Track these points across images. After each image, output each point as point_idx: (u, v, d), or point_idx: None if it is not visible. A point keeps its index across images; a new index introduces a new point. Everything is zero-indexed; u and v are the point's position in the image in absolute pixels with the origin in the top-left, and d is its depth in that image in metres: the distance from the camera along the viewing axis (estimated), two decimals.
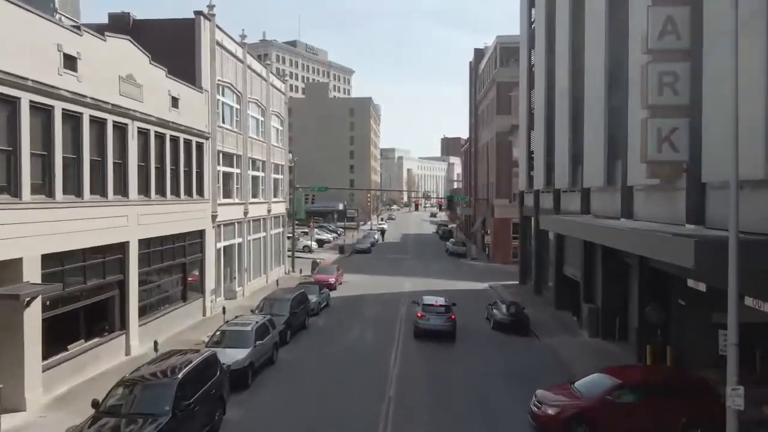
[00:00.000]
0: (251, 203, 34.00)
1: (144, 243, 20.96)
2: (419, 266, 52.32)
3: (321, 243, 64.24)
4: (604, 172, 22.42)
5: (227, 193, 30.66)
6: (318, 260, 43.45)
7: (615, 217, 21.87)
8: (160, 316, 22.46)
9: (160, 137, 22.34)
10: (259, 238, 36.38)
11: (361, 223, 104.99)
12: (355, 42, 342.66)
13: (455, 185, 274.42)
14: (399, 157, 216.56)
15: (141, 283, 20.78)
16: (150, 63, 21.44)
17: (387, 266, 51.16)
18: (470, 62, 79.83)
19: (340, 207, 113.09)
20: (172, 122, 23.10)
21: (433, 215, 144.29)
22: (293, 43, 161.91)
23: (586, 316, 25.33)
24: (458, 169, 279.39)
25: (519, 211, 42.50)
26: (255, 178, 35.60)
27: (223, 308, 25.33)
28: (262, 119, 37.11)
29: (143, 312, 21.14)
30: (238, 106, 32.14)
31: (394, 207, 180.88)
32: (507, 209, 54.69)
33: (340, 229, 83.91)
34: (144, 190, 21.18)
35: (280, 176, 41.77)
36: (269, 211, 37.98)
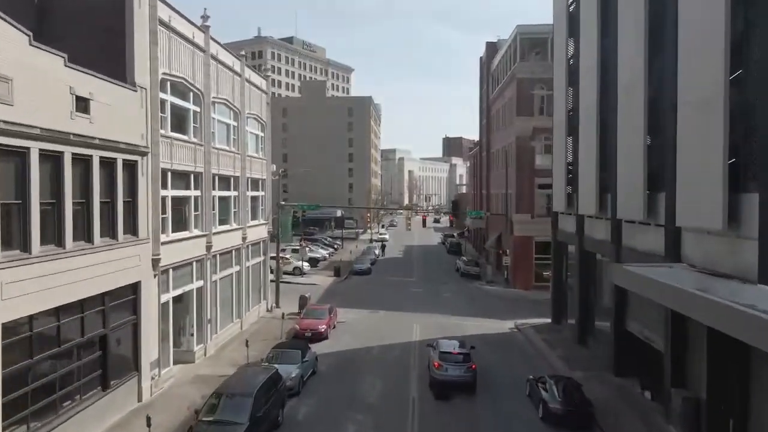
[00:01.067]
0: (218, 233, 26.47)
1: (15, 326, 13.44)
2: (428, 294, 44.77)
3: (315, 262, 56.64)
4: (722, 207, 14.83)
5: (180, 225, 23.09)
6: (307, 295, 35.79)
7: (740, 278, 14.38)
8: (55, 423, 14.92)
9: (51, 158, 14.78)
10: (231, 274, 28.82)
11: (360, 231, 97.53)
12: (354, 40, 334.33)
13: (458, 189, 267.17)
14: (400, 158, 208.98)
15: (13, 382, 13.31)
16: (30, 44, 13.89)
17: (390, 295, 43.59)
18: (480, 57, 72.26)
19: (338, 214, 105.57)
20: (76, 134, 15.54)
21: (437, 221, 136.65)
22: (289, 40, 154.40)
23: (677, 408, 17.77)
24: (461, 170, 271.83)
25: (552, 233, 35.00)
26: (224, 200, 28.03)
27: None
28: (235, 124, 29.55)
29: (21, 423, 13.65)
30: (198, 109, 24.59)
31: (400, 212, 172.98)
32: (529, 226, 47.19)
33: (337, 242, 76.16)
34: (19, 242, 13.67)
35: (260, 193, 34.19)
36: (245, 238, 30.42)
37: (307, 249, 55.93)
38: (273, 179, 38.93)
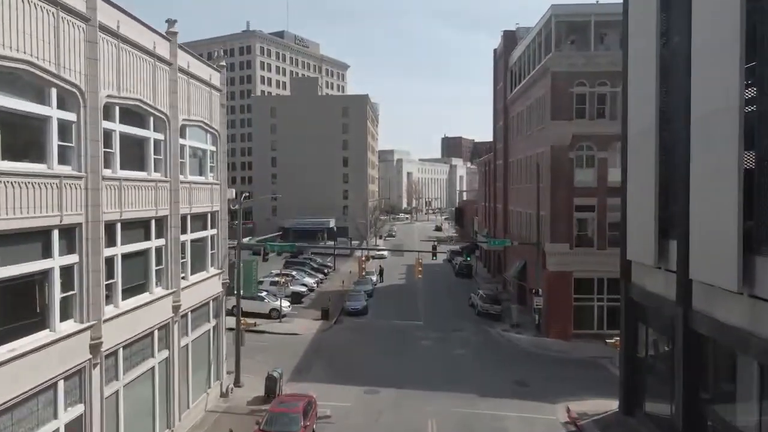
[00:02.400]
0: (115, 317, 16.36)
1: None
2: (441, 349, 34.80)
3: (298, 297, 46.50)
4: None
5: (29, 324, 12.97)
6: (276, 373, 25.44)
7: None
8: None
9: None
10: (149, 370, 18.70)
11: (356, 243, 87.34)
12: (348, 38, 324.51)
13: (461, 192, 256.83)
14: (398, 159, 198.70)
15: None
16: None
17: (393, 354, 33.49)
18: (495, 50, 62.19)
19: (331, 224, 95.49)
20: None
21: (438, 228, 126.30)
22: (280, 34, 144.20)
23: None
24: (461, 171, 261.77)
25: (621, 289, 25.01)
26: (133, 260, 17.88)
27: None
28: (161, 138, 19.40)
29: None
30: (73, 118, 14.48)
31: (402, 217, 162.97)
32: (567, 258, 37.36)
33: (328, 265, 65.77)
34: None
35: (209, 232, 24.01)
36: (177, 306, 20.28)
37: (289, 281, 45.78)
38: (235, 207, 28.76)
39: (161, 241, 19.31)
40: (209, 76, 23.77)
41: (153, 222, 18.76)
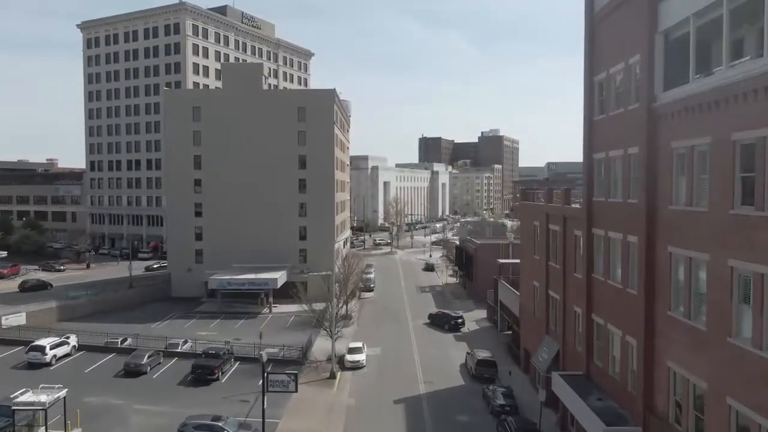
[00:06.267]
0: None
1: None
2: None
3: None
4: None
5: None
6: None
7: None
8: None
9: None
10: None
11: (309, 311, 55.48)
12: (317, 33, 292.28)
13: (443, 202, 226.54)
14: (373, 167, 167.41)
15: None
16: None
17: None
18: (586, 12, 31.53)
19: (279, 279, 64.01)
20: None
21: (429, 268, 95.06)
22: (222, 10, 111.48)
23: None
24: (443, 178, 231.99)
25: None
26: None
27: None
28: None
29: None
30: None
31: (380, 241, 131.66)
32: None
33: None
34: None
35: None
36: None
37: None
38: None
39: None
40: None
41: None
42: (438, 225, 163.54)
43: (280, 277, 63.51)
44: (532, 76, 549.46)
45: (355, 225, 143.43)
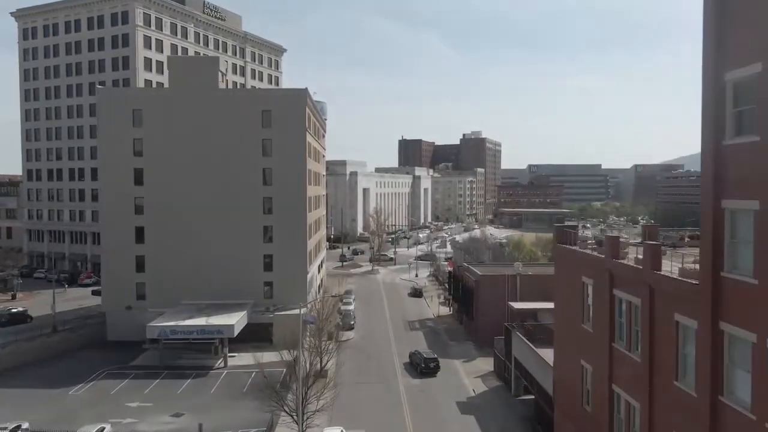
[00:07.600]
0: None
1: None
2: None
3: None
4: None
5: None
6: None
7: None
8: None
9: None
10: None
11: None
12: (286, 31, 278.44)
13: (425, 214, 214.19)
14: (351, 172, 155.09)
15: None
16: None
17: None
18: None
19: (236, 326, 51.66)
20: None
21: (417, 293, 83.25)
22: None
23: None
24: (425, 183, 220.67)
25: None
26: None
27: None
28: None
29: None
30: None
31: (359, 261, 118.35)
32: None
33: None
34: None
35: None
36: None
37: None
38: None
39: None
40: None
41: None
42: (422, 235, 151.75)
43: (237, 322, 51.11)
44: (510, 76, 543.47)
45: (332, 236, 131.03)
